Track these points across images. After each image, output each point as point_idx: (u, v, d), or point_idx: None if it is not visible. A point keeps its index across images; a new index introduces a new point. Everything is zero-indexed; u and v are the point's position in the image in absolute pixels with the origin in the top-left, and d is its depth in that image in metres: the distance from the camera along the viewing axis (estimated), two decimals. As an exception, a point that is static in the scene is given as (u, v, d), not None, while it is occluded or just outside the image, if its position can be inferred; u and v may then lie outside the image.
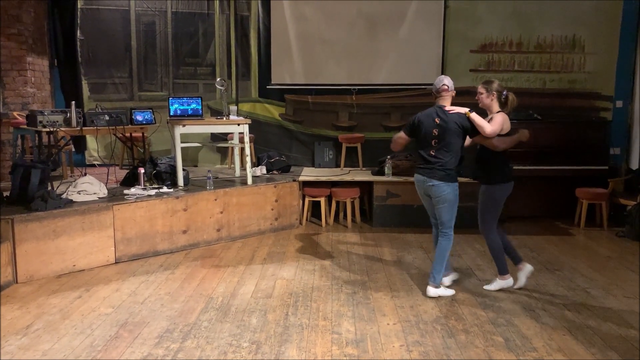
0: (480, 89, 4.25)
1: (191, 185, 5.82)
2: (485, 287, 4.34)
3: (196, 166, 7.49)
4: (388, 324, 3.66)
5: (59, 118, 5.46)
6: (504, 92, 4.19)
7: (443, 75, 4.19)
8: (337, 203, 6.53)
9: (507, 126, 4.16)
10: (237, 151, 6.68)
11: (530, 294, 4.23)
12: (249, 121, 6.04)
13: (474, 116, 4.04)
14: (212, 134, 7.33)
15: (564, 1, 7.00)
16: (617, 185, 6.35)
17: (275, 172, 6.75)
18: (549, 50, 7.17)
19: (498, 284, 4.32)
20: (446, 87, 4.08)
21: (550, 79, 7.22)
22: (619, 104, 7.05)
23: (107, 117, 5.70)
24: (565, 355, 3.24)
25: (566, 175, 6.52)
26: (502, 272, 4.32)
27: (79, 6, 7.26)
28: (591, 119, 7.03)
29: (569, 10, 7.04)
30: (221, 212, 5.64)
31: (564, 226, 6.42)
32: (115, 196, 5.21)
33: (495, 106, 4.20)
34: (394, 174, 6.46)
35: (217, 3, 7.40)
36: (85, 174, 5.53)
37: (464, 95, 7.20)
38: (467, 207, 6.22)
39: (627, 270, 4.84)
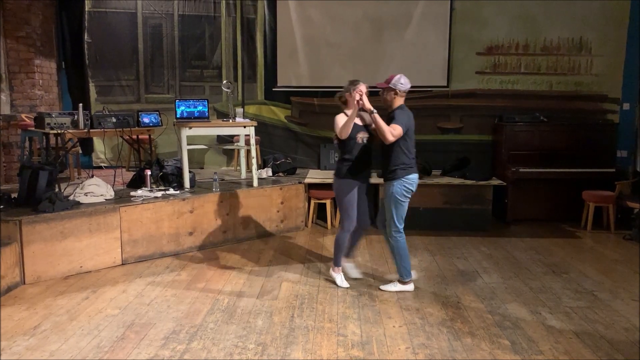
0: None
1: (197, 187, 5.84)
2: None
3: (202, 168, 7.51)
4: (394, 327, 3.66)
5: (67, 120, 5.51)
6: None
7: (403, 75, 4.18)
8: (343, 205, 6.52)
9: None
10: (243, 153, 6.70)
11: (537, 296, 4.22)
12: (255, 123, 6.06)
13: None
14: (218, 136, 7.36)
15: (571, 3, 6.98)
16: (624, 188, 6.31)
17: (280, 174, 6.76)
18: (556, 52, 7.13)
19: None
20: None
21: (556, 81, 7.19)
22: (626, 106, 7.00)
23: (114, 119, 5.74)
24: (571, 358, 3.22)
25: (573, 177, 6.49)
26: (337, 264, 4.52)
27: (86, 9, 7.30)
28: (598, 121, 7.00)
29: (576, 12, 7.00)
30: (227, 214, 5.65)
31: (571, 229, 6.39)
32: (122, 198, 5.23)
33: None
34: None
35: (223, 6, 7.43)
36: (92, 176, 5.57)
37: (470, 97, 7.27)
38: (472, 210, 6.25)
39: (635, 273, 4.81)
